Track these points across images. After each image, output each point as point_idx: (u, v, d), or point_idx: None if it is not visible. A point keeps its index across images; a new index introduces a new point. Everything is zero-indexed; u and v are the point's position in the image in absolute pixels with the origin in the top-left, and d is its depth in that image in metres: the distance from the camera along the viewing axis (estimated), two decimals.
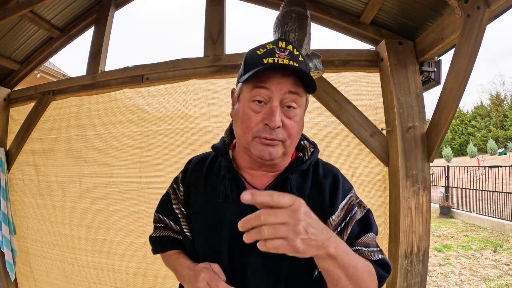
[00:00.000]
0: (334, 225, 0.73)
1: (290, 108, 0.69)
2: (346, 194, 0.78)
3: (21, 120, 2.37)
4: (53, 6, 2.17)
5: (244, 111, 0.70)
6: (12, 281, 2.31)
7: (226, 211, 0.74)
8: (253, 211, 0.68)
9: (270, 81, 0.67)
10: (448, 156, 26.08)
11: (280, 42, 0.70)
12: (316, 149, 0.82)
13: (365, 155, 1.72)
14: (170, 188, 0.90)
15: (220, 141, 0.84)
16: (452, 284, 4.30)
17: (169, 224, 0.88)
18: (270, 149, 0.69)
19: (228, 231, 0.72)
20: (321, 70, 1.40)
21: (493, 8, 1.21)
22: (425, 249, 1.58)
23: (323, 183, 0.77)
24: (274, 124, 0.66)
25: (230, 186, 0.74)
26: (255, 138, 0.69)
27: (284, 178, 0.75)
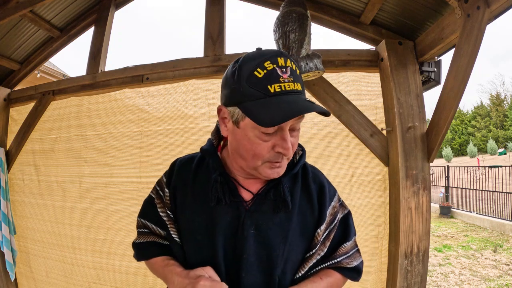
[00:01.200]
0: (321, 234, 0.78)
1: (295, 131, 0.71)
2: (332, 199, 0.83)
3: (21, 120, 2.37)
4: (53, 6, 2.17)
5: (251, 139, 0.67)
6: (12, 281, 2.31)
7: (219, 214, 0.73)
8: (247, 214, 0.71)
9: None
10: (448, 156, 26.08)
11: (280, 59, 0.65)
12: (304, 152, 0.84)
13: (365, 155, 1.72)
14: (153, 191, 0.88)
15: (208, 143, 0.82)
16: (452, 284, 4.30)
17: (154, 229, 0.85)
18: (279, 170, 0.71)
19: (223, 234, 0.72)
20: (321, 70, 1.40)
21: (493, 8, 1.20)
22: (425, 249, 1.58)
23: (311, 188, 0.80)
24: (288, 152, 0.67)
25: (223, 190, 0.74)
26: (265, 163, 0.70)
27: (277, 182, 0.76)
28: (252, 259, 0.71)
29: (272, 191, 0.75)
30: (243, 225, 0.72)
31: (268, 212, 0.74)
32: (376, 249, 1.70)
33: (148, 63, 1.98)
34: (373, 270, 1.70)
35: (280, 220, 0.74)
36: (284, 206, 0.74)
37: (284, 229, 0.74)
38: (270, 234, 0.73)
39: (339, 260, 0.80)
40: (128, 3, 2.36)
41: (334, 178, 1.74)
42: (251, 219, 0.73)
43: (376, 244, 1.70)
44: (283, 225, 0.74)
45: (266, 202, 0.75)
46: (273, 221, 0.74)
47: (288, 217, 0.75)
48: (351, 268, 0.82)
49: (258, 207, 0.74)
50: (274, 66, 0.64)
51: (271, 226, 0.73)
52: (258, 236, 0.72)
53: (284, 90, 0.63)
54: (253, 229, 0.72)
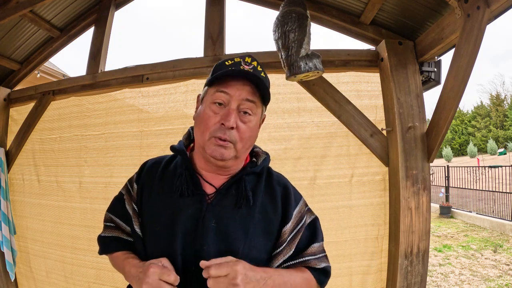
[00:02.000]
0: (287, 233, 0.80)
1: (246, 114, 0.76)
2: (298, 202, 0.85)
3: (21, 120, 2.37)
4: (53, 6, 2.17)
5: (205, 111, 0.77)
6: (12, 281, 2.31)
7: (181, 206, 0.76)
8: (208, 207, 0.76)
9: (231, 87, 0.75)
10: (448, 156, 26.08)
11: (247, 58, 0.79)
12: (268, 156, 0.88)
13: (365, 155, 1.72)
14: (123, 188, 0.91)
15: (179, 143, 0.87)
16: (452, 284, 4.30)
17: (120, 224, 0.88)
18: (222, 150, 0.74)
19: (183, 226, 0.74)
20: (321, 70, 1.40)
21: (493, 8, 1.20)
22: (425, 249, 1.58)
23: (275, 190, 0.83)
24: (229, 123, 0.73)
25: (187, 183, 0.77)
26: (211, 138, 0.75)
27: (239, 178, 0.80)
28: (212, 250, 0.72)
29: (233, 187, 0.79)
30: (203, 218, 0.74)
31: (229, 206, 0.77)
32: (376, 249, 1.70)
33: (148, 63, 1.98)
34: (373, 270, 1.70)
35: (241, 216, 0.76)
36: (245, 202, 0.77)
37: (244, 225, 0.76)
38: (230, 228, 0.75)
39: (306, 259, 0.82)
40: (128, 3, 2.36)
41: (334, 178, 1.76)
42: (212, 212, 0.75)
43: (376, 244, 1.70)
44: (243, 220, 0.76)
45: (228, 197, 0.78)
46: (233, 216, 0.76)
47: (249, 213, 0.77)
48: (319, 269, 0.83)
49: (219, 201, 0.77)
50: (241, 60, 0.79)
51: (231, 221, 0.75)
52: (218, 230, 0.74)
53: (238, 69, 0.76)
54: (213, 222, 0.74)
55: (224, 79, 0.76)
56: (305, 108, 1.80)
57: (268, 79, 0.82)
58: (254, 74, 0.75)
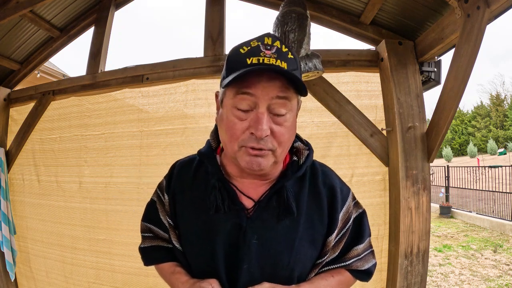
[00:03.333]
0: (333, 241, 0.74)
1: (280, 116, 0.62)
2: (345, 201, 0.76)
3: (21, 120, 2.37)
4: (53, 6, 2.17)
5: (228, 118, 0.63)
6: (12, 281, 2.31)
7: (218, 223, 0.69)
8: (248, 222, 0.69)
9: (255, 86, 0.59)
10: (448, 156, 26.08)
11: (266, 38, 0.62)
12: (311, 151, 0.76)
13: (365, 155, 1.72)
14: (154, 195, 0.85)
15: (206, 145, 0.77)
16: (452, 284, 4.30)
17: (158, 232, 0.82)
18: (259, 160, 0.62)
19: (223, 244, 0.68)
20: (320, 70, 1.40)
21: (493, 8, 1.20)
22: (425, 249, 1.58)
23: (321, 193, 0.73)
24: (261, 133, 0.59)
25: (221, 197, 0.68)
26: (241, 148, 0.63)
27: (280, 188, 0.70)
28: (254, 269, 0.67)
29: (274, 198, 0.69)
30: (244, 234, 0.67)
31: (271, 220, 0.69)
32: (376, 249, 1.68)
33: (148, 63, 1.98)
34: None
35: (284, 229, 0.69)
36: (288, 214, 0.68)
37: (289, 238, 0.68)
38: (274, 244, 0.68)
39: (349, 263, 0.77)
40: (128, 3, 2.36)
41: None
42: (252, 228, 0.68)
43: (376, 244, 1.70)
44: (288, 234, 0.68)
45: (269, 210, 0.69)
46: (276, 230, 0.68)
47: (293, 225, 0.69)
48: (362, 271, 0.79)
49: (260, 215, 0.69)
50: (259, 43, 0.62)
51: (275, 235, 0.68)
52: (261, 246, 0.67)
53: (262, 63, 0.59)
54: (255, 238, 0.67)
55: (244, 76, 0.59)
56: (305, 108, 1.80)
57: (297, 59, 0.65)
58: (286, 70, 0.59)
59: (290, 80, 0.60)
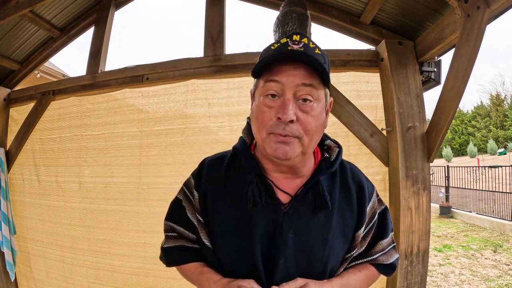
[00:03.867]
0: (361, 235, 0.77)
1: (306, 102, 0.65)
2: (371, 197, 0.80)
3: (21, 120, 2.37)
4: (53, 6, 2.17)
5: (258, 107, 0.67)
6: (12, 281, 2.31)
7: (255, 217, 0.69)
8: (285, 217, 0.70)
9: (281, 74, 0.64)
10: (448, 156, 26.08)
11: (295, 36, 0.67)
12: (341, 148, 0.80)
13: (365, 155, 1.72)
14: (180, 193, 0.83)
15: (240, 142, 0.79)
16: (452, 284, 4.30)
17: (182, 232, 0.80)
18: (286, 148, 0.64)
19: (260, 239, 0.68)
20: None
21: (493, 8, 1.20)
22: (425, 249, 1.58)
23: (351, 188, 0.76)
24: (286, 117, 0.62)
25: (259, 191, 0.69)
26: (269, 135, 0.65)
27: (315, 182, 0.72)
28: (290, 263, 0.68)
29: (311, 192, 0.72)
30: (281, 229, 0.68)
31: (307, 214, 0.70)
32: None
33: (148, 63, 1.98)
34: None
35: (319, 223, 0.71)
36: (323, 207, 0.70)
37: (324, 232, 0.70)
38: (309, 238, 0.69)
39: (375, 257, 0.80)
40: (128, 3, 2.36)
41: None
42: (289, 222, 0.69)
43: None
44: (322, 227, 0.70)
45: (305, 204, 0.71)
46: (312, 224, 0.70)
47: (327, 219, 0.71)
48: (386, 265, 0.82)
49: (296, 210, 0.70)
50: (288, 40, 0.67)
51: (310, 229, 0.70)
52: (297, 240, 0.69)
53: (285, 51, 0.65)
54: (291, 233, 0.68)
55: (272, 66, 0.64)
56: None
57: (325, 55, 0.71)
58: (306, 53, 0.64)
59: (314, 69, 0.64)
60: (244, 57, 1.82)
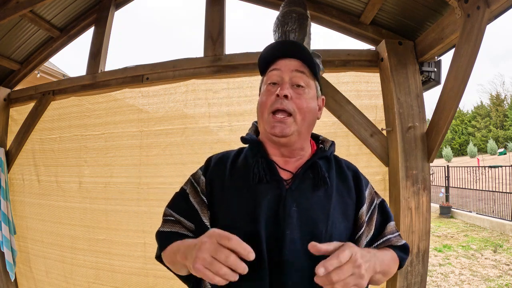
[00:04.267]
0: (365, 214, 0.81)
1: (299, 87, 0.79)
2: (367, 184, 0.87)
3: (21, 120, 2.37)
4: (53, 6, 2.17)
5: (263, 94, 0.81)
6: (12, 281, 2.31)
7: (260, 192, 0.75)
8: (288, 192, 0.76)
9: (280, 63, 0.81)
10: (448, 156, 26.08)
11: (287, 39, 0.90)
12: (334, 143, 0.90)
13: (365, 155, 1.72)
14: (186, 184, 0.87)
15: (247, 134, 0.88)
16: (452, 284, 4.30)
17: (180, 220, 0.83)
18: (282, 126, 0.75)
19: (265, 213, 0.72)
20: (321, 70, 1.40)
21: (493, 8, 1.20)
22: (425, 249, 1.58)
23: (346, 173, 0.84)
24: (282, 91, 0.75)
25: (264, 169, 0.77)
26: (269, 115, 0.77)
27: (313, 163, 0.80)
28: (295, 236, 0.71)
29: (309, 170, 0.80)
30: (284, 203, 0.73)
31: (308, 190, 0.77)
32: None
33: (148, 63, 1.98)
34: None
35: (320, 198, 0.76)
36: (323, 184, 0.77)
37: (324, 207, 0.75)
38: (311, 212, 0.74)
39: (388, 237, 0.84)
40: (128, 3, 2.36)
41: None
42: (292, 197, 0.74)
43: None
44: (323, 203, 0.76)
45: (305, 181, 0.78)
46: (313, 199, 0.76)
47: (327, 195, 0.77)
48: (400, 246, 0.85)
49: (298, 186, 0.77)
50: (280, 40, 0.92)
51: (312, 204, 0.75)
52: (300, 213, 0.73)
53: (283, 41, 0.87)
54: (294, 206, 0.73)
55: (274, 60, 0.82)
56: None
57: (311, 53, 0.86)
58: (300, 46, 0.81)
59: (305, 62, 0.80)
60: (244, 57, 1.83)
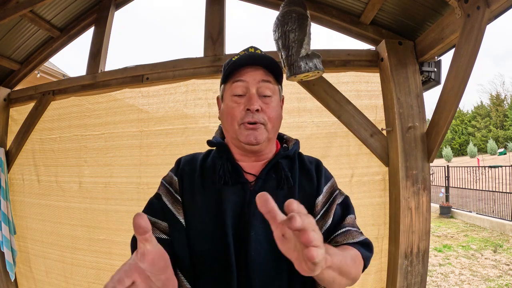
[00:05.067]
0: (320, 206, 0.80)
1: (266, 97, 0.80)
2: (329, 179, 0.87)
3: (21, 120, 2.37)
4: (53, 6, 2.17)
5: (228, 105, 0.80)
6: (12, 281, 2.31)
7: (226, 195, 0.77)
8: (251, 194, 0.77)
9: (245, 74, 0.79)
10: (448, 156, 26.08)
11: (250, 48, 0.86)
12: (298, 142, 0.91)
13: (365, 155, 1.72)
14: (159, 188, 0.87)
15: (214, 138, 0.89)
16: (452, 284, 4.30)
17: (154, 222, 0.81)
18: (255, 133, 0.77)
19: (230, 215, 0.74)
20: (321, 70, 1.40)
21: (493, 8, 1.20)
22: (425, 249, 1.58)
23: (309, 168, 0.85)
24: (253, 107, 0.76)
25: (229, 172, 0.79)
26: (240, 126, 0.78)
27: (275, 163, 0.82)
28: (260, 237, 0.72)
29: (272, 171, 0.81)
30: (249, 205, 0.75)
31: (272, 190, 0.77)
32: (376, 249, 1.70)
33: (148, 63, 1.98)
34: (373, 270, 1.70)
35: (283, 197, 0.74)
36: (286, 182, 0.78)
37: None
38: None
39: (347, 229, 0.79)
40: (128, 3, 2.36)
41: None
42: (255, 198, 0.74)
43: (376, 244, 1.70)
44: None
45: (269, 182, 0.79)
46: (277, 199, 0.72)
47: (291, 193, 0.78)
48: (362, 242, 0.79)
49: (261, 187, 0.78)
50: (245, 52, 0.85)
51: (276, 203, 0.73)
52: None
53: (247, 53, 0.83)
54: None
55: (237, 70, 0.80)
56: (305, 108, 1.80)
57: (277, 63, 0.84)
58: (261, 55, 0.80)
59: (269, 69, 0.81)
60: None
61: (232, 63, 0.80)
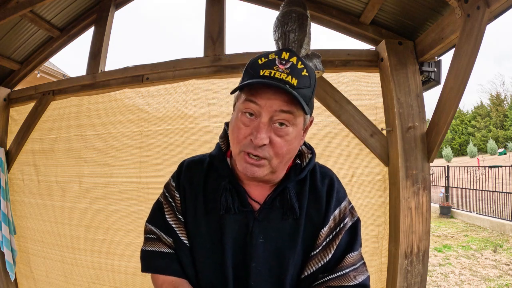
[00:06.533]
0: (323, 238, 0.74)
1: (282, 126, 0.65)
2: (340, 203, 0.78)
3: (21, 120, 2.37)
4: (53, 6, 2.17)
5: (236, 122, 0.68)
6: (12, 281, 2.31)
7: (227, 223, 0.72)
8: (255, 223, 0.73)
9: (261, 97, 0.63)
10: (448, 156, 26.06)
11: (284, 53, 0.66)
12: (313, 155, 0.79)
13: (365, 155, 1.72)
14: (161, 196, 0.84)
15: (216, 148, 0.80)
16: (452, 284, 4.30)
17: (160, 236, 0.80)
18: (254, 169, 0.67)
19: (231, 243, 0.71)
20: (321, 70, 1.40)
21: (493, 8, 1.20)
22: (425, 249, 1.58)
23: (320, 191, 0.76)
24: (258, 141, 0.63)
25: (232, 198, 0.73)
26: (241, 153, 0.67)
27: (282, 189, 0.74)
28: (261, 267, 0.70)
29: (278, 199, 0.74)
30: (251, 234, 0.71)
31: (276, 220, 0.73)
32: (376, 249, 1.70)
33: (148, 63, 1.98)
34: (373, 270, 1.70)
35: (288, 228, 0.73)
36: (291, 214, 0.73)
37: (293, 237, 0.72)
38: (279, 243, 0.72)
39: (345, 272, 0.73)
40: (128, 3, 2.36)
41: None
42: (259, 228, 0.72)
43: (376, 244, 1.70)
44: (292, 232, 0.72)
45: (274, 210, 0.74)
46: (281, 229, 0.72)
47: (296, 224, 0.73)
48: (359, 284, 0.75)
49: (266, 216, 0.73)
50: (276, 57, 0.65)
51: (279, 235, 0.72)
52: (267, 244, 0.71)
53: (271, 76, 0.62)
54: (261, 238, 0.71)
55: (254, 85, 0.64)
56: None
57: (312, 77, 0.67)
58: (288, 82, 0.62)
59: (294, 97, 0.62)
60: (244, 57, 1.83)
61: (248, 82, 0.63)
